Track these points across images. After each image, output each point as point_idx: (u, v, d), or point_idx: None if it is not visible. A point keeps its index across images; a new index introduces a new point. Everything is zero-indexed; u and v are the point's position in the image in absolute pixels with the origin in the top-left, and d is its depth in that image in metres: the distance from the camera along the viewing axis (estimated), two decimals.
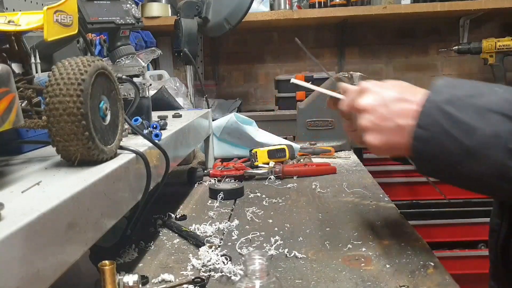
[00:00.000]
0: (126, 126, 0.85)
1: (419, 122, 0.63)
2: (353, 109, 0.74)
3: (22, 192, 0.53)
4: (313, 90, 1.86)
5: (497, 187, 0.61)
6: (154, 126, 0.94)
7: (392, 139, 0.68)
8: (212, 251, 0.81)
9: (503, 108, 0.59)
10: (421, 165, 0.66)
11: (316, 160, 1.52)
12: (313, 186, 1.24)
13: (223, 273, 0.73)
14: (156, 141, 0.86)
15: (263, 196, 1.18)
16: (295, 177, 1.34)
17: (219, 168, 1.36)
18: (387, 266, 0.76)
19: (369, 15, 2.35)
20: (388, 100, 0.68)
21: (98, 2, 0.99)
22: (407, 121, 0.65)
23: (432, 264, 0.75)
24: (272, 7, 2.44)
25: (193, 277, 0.73)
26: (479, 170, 0.60)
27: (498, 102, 0.60)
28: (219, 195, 1.15)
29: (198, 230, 0.94)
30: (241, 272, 0.71)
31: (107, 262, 0.62)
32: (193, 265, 0.78)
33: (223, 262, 0.76)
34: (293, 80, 0.92)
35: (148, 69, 2.02)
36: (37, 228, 0.44)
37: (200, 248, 0.83)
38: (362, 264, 0.77)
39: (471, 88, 0.63)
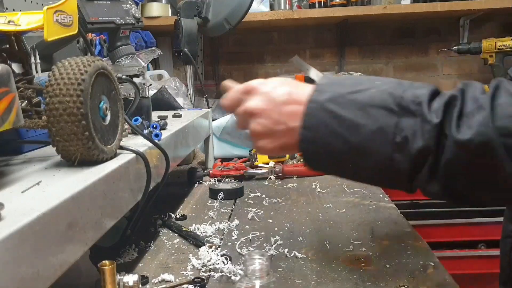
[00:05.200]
0: (126, 126, 0.84)
1: (304, 123, 0.61)
2: (240, 110, 0.69)
3: (22, 192, 0.53)
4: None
5: (386, 180, 0.61)
6: (154, 126, 0.94)
7: (283, 141, 0.65)
8: (212, 251, 0.81)
9: (385, 101, 0.58)
10: (311, 164, 0.65)
11: None
12: (313, 186, 1.24)
13: (223, 273, 0.74)
14: (156, 141, 0.86)
15: (263, 196, 1.18)
16: (295, 177, 1.34)
17: (219, 168, 1.36)
18: (387, 266, 0.76)
19: (369, 15, 2.35)
20: (278, 102, 0.65)
21: (98, 2, 0.99)
22: (296, 123, 0.63)
23: (432, 264, 0.75)
24: (272, 7, 2.43)
25: (193, 277, 0.73)
26: (367, 165, 0.59)
27: (380, 96, 0.58)
28: (219, 195, 1.15)
29: (198, 230, 0.94)
30: (241, 272, 0.71)
31: (107, 262, 0.62)
32: (193, 265, 0.78)
33: (223, 262, 0.76)
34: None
35: (148, 69, 2.02)
36: (37, 228, 0.44)
37: (200, 248, 0.83)
38: (362, 264, 0.77)
39: (353, 84, 0.61)
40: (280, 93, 0.65)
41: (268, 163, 1.38)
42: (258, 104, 0.66)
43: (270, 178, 1.33)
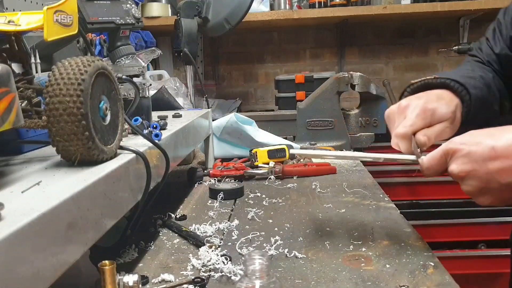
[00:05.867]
0: (126, 126, 0.84)
1: None
2: (442, 173, 0.70)
3: (22, 192, 0.53)
4: (312, 90, 1.86)
5: None
6: (154, 126, 0.94)
7: (502, 196, 0.66)
8: (212, 251, 0.81)
9: None
10: None
11: (316, 160, 1.52)
12: (313, 186, 1.24)
13: (223, 273, 0.73)
14: (156, 141, 0.86)
15: (263, 196, 1.18)
16: (295, 177, 1.34)
17: (219, 168, 1.36)
18: (387, 266, 0.76)
19: (369, 15, 2.35)
20: (482, 160, 0.64)
21: (98, 2, 0.99)
22: (509, 179, 0.63)
23: (432, 264, 0.75)
24: (272, 7, 2.44)
25: (193, 277, 0.73)
26: None
27: None
28: (219, 195, 1.15)
29: (198, 230, 0.94)
30: (241, 272, 0.71)
31: (107, 262, 0.62)
32: (193, 265, 0.78)
33: (223, 262, 0.76)
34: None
35: (148, 69, 2.03)
36: (37, 228, 0.44)
37: (200, 248, 0.83)
38: (362, 264, 0.77)
39: None
40: (482, 150, 0.65)
41: (268, 163, 1.38)
42: (462, 168, 0.66)
43: (270, 178, 1.33)
